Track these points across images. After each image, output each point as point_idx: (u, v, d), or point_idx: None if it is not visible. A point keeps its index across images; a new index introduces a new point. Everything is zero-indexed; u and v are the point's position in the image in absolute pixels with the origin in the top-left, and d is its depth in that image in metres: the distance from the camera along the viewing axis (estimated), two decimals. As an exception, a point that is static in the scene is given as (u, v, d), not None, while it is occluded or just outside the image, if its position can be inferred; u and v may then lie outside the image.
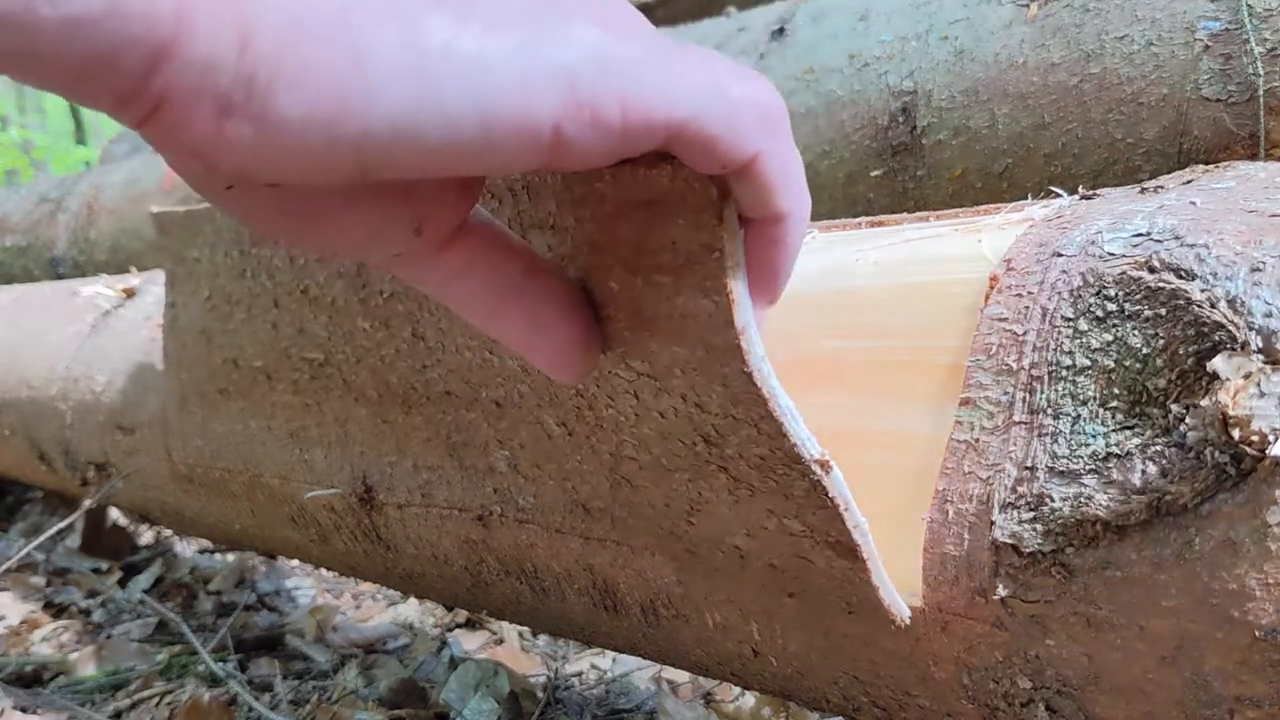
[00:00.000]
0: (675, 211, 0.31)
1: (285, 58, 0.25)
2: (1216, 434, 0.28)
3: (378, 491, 0.55)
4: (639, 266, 0.34)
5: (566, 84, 0.27)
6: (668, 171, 0.31)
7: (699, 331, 0.33)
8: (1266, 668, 0.27)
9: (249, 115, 0.25)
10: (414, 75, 0.25)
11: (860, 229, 0.42)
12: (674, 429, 0.37)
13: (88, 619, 0.97)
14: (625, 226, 0.34)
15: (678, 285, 0.33)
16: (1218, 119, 0.61)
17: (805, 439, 0.33)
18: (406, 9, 0.26)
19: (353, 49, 0.25)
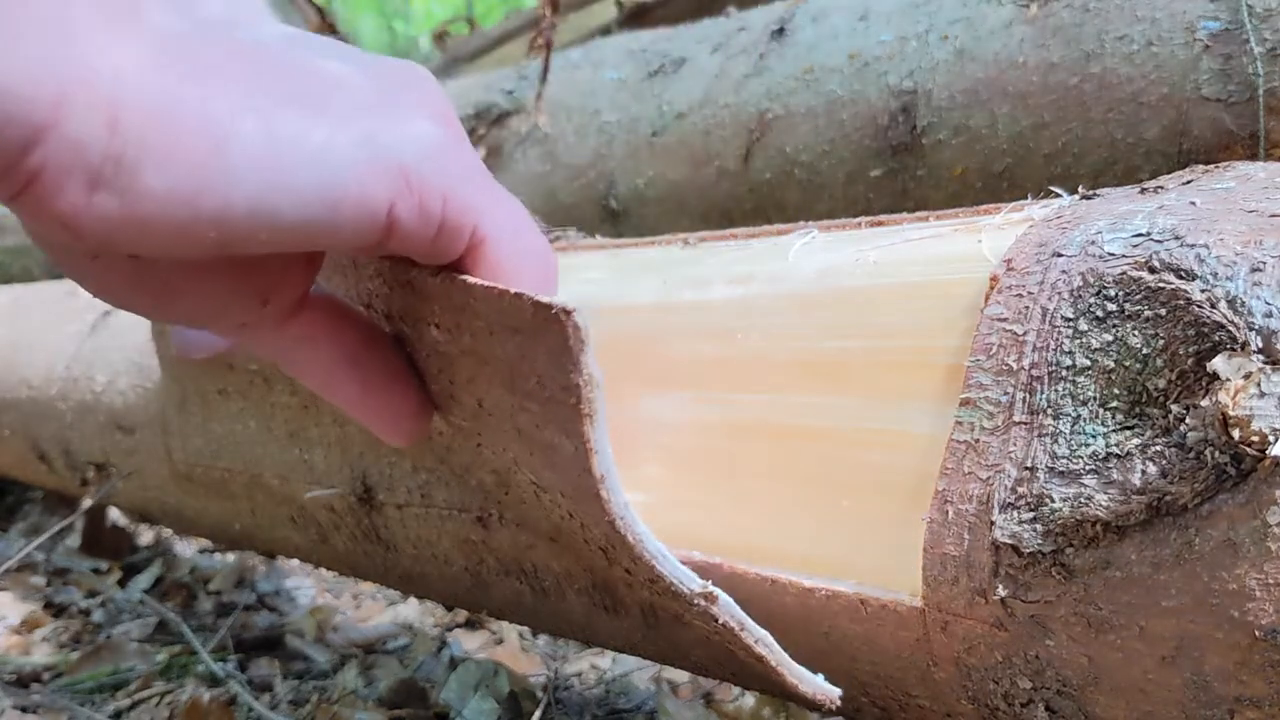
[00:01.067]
0: (538, 345, 0.31)
1: (152, 139, 0.27)
2: (1216, 434, 0.28)
3: (377, 491, 0.55)
4: (514, 388, 0.33)
5: (400, 172, 0.30)
6: (529, 305, 0.30)
7: (565, 466, 0.33)
8: (1266, 668, 0.27)
9: (117, 189, 0.27)
10: (269, 161, 0.28)
11: (860, 229, 0.42)
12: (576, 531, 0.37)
13: (88, 619, 0.97)
14: (498, 347, 0.33)
15: (544, 417, 0.32)
16: (1218, 119, 0.61)
17: (682, 577, 0.32)
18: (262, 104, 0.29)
19: (214, 135, 0.28)
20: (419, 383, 0.39)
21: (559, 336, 0.29)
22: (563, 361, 0.30)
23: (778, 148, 0.78)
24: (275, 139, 0.29)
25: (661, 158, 0.85)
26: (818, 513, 0.37)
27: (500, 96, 0.99)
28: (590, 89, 0.93)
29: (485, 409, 0.36)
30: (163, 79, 0.27)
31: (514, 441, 0.36)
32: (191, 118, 0.28)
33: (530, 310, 0.30)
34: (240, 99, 0.28)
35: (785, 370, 0.40)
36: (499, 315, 0.32)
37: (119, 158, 0.27)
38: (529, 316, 0.30)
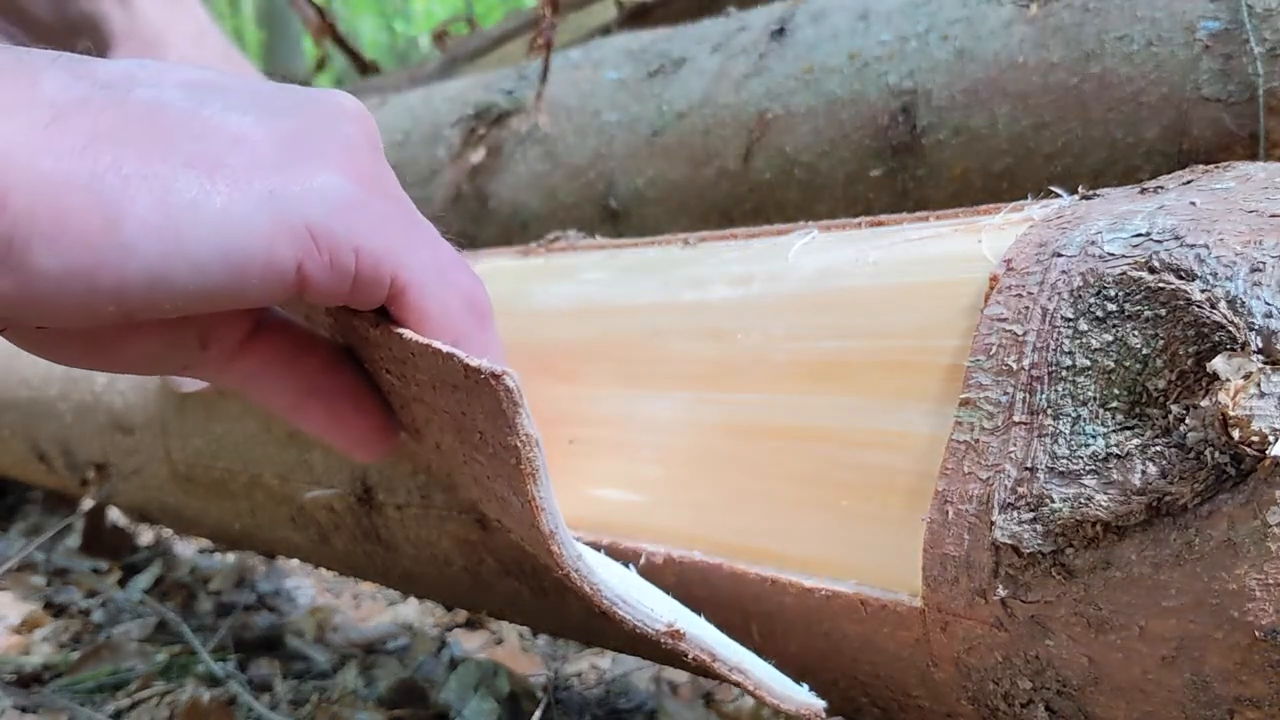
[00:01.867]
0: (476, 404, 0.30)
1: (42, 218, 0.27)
2: (1216, 434, 0.28)
3: (377, 492, 0.55)
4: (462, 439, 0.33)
5: (305, 232, 0.30)
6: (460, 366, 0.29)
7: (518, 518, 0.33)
8: (1266, 668, 0.27)
9: (9, 268, 0.27)
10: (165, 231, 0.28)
11: (860, 229, 0.42)
12: None
13: (88, 619, 0.97)
14: (442, 400, 0.33)
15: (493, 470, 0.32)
16: (1218, 119, 0.61)
17: (644, 618, 0.33)
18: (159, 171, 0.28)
19: (105, 209, 0.27)
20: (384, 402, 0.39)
21: (492, 399, 0.29)
22: (499, 423, 0.29)
23: (778, 148, 0.78)
24: (171, 208, 0.28)
25: (661, 158, 0.85)
26: (818, 513, 0.37)
27: (500, 96, 0.99)
28: (590, 89, 0.93)
29: (443, 450, 0.36)
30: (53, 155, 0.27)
31: (473, 486, 0.36)
32: (82, 194, 0.27)
33: (461, 372, 0.30)
34: (135, 168, 0.28)
35: (785, 370, 0.40)
36: (437, 371, 0.32)
37: (9, 238, 0.27)
38: (462, 377, 0.30)
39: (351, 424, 0.38)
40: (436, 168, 1.00)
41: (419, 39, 11.92)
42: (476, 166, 0.97)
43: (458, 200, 0.98)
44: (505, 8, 8.14)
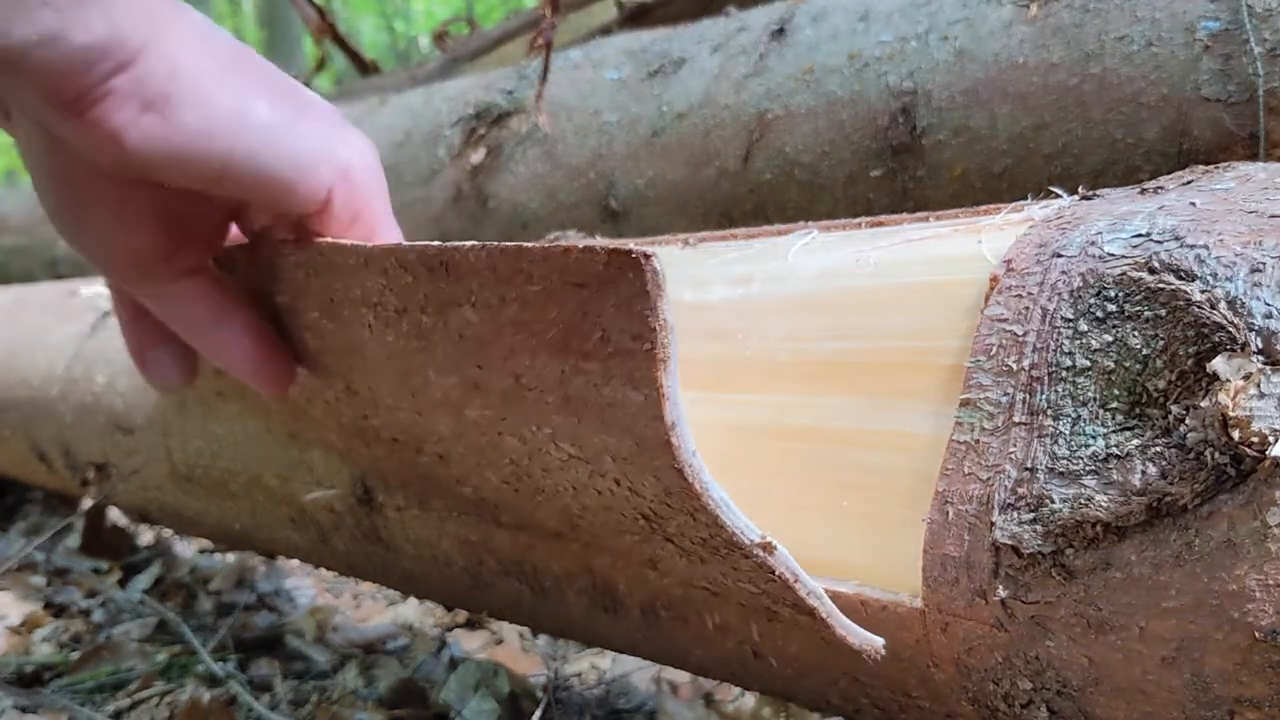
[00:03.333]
0: (606, 298, 0.31)
1: (196, 91, 0.40)
2: (1216, 435, 0.28)
3: (377, 493, 0.55)
4: (567, 350, 0.33)
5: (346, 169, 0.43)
6: (602, 256, 0.30)
7: (627, 423, 0.32)
8: (1266, 669, 0.27)
9: (162, 116, 0.39)
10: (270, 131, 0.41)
11: (860, 229, 0.42)
12: (614, 504, 0.37)
13: (88, 619, 0.97)
14: (553, 309, 0.33)
15: (605, 374, 0.32)
16: (1218, 119, 0.61)
17: (743, 527, 0.32)
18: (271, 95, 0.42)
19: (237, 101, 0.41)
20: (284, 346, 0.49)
21: (635, 284, 0.30)
22: (638, 308, 0.30)
23: (778, 148, 0.78)
24: (275, 118, 0.42)
25: (661, 158, 0.85)
26: (818, 513, 0.37)
27: (500, 96, 0.99)
28: (590, 89, 0.93)
29: (524, 384, 0.36)
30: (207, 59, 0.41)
31: (556, 413, 0.35)
32: (223, 86, 0.41)
33: (603, 261, 0.30)
34: (256, 88, 0.42)
35: (785, 371, 0.40)
36: (561, 273, 0.32)
37: (170, 96, 0.39)
38: (600, 268, 0.30)
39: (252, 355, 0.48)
40: (437, 168, 1.00)
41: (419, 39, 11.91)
42: (477, 166, 0.97)
43: (458, 200, 0.98)
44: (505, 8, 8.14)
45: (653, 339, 0.30)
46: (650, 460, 0.32)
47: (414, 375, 0.42)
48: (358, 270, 0.41)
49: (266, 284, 0.48)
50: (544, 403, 0.36)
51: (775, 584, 0.33)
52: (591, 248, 0.31)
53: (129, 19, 0.38)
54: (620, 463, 0.34)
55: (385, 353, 0.43)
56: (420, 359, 0.41)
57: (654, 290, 0.29)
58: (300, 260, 0.45)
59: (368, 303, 0.42)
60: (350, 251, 0.41)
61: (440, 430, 0.43)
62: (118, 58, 0.38)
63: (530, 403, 0.37)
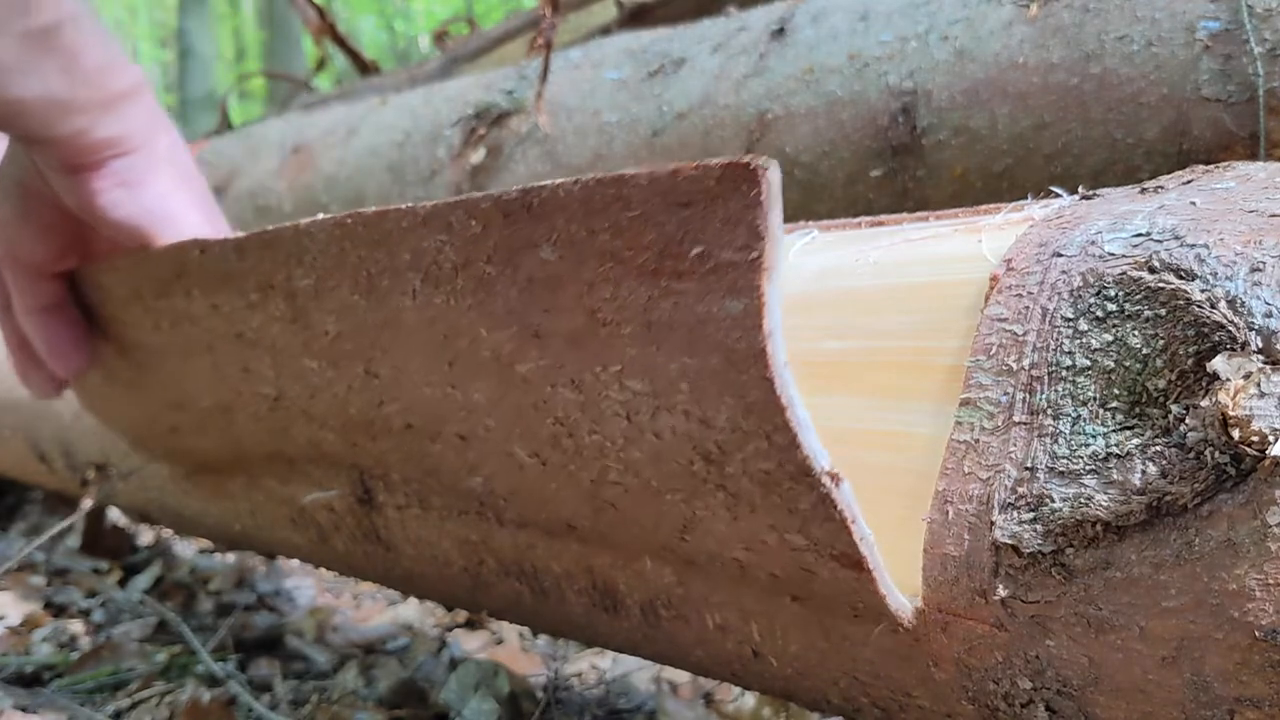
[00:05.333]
0: (713, 213, 0.31)
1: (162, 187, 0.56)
2: (1216, 434, 0.28)
3: (377, 492, 0.55)
4: (659, 272, 0.34)
5: None
6: (716, 171, 0.31)
7: (719, 337, 0.32)
8: (1266, 668, 0.27)
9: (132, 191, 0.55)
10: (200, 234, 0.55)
11: (860, 229, 0.42)
12: (669, 450, 0.36)
13: (88, 619, 0.97)
14: (651, 232, 0.33)
15: (702, 290, 0.32)
16: (1218, 119, 0.61)
17: (817, 451, 0.32)
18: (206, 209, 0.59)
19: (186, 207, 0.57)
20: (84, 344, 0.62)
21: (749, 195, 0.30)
22: (750, 218, 0.30)
23: (778, 148, 0.78)
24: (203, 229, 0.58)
25: (661, 158, 0.85)
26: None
27: (500, 96, 0.99)
28: (590, 89, 0.93)
29: (599, 318, 0.36)
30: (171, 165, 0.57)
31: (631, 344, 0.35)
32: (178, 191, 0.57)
33: (717, 175, 0.31)
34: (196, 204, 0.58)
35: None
36: (665, 195, 0.32)
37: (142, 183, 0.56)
38: (713, 183, 0.31)
39: (59, 335, 0.61)
40: (437, 168, 1.00)
41: (419, 39, 11.91)
42: (477, 166, 0.97)
43: (458, 200, 0.98)
44: (505, 8, 8.14)
45: (761, 247, 0.30)
46: (737, 375, 0.32)
47: (459, 338, 0.42)
48: (412, 231, 0.41)
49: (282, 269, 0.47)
50: (619, 335, 0.36)
51: (831, 526, 0.33)
52: (705, 164, 0.31)
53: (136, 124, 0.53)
54: (697, 388, 0.34)
55: (426, 319, 0.43)
56: (471, 316, 0.41)
57: (768, 200, 0.30)
58: (338, 234, 0.44)
59: (417, 265, 0.41)
60: (404, 213, 0.42)
61: (475, 400, 0.43)
62: (121, 148, 0.53)
63: (601, 340, 0.36)
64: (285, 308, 0.49)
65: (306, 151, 1.19)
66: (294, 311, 0.49)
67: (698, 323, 0.33)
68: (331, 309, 0.47)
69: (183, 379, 0.59)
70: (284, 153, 1.22)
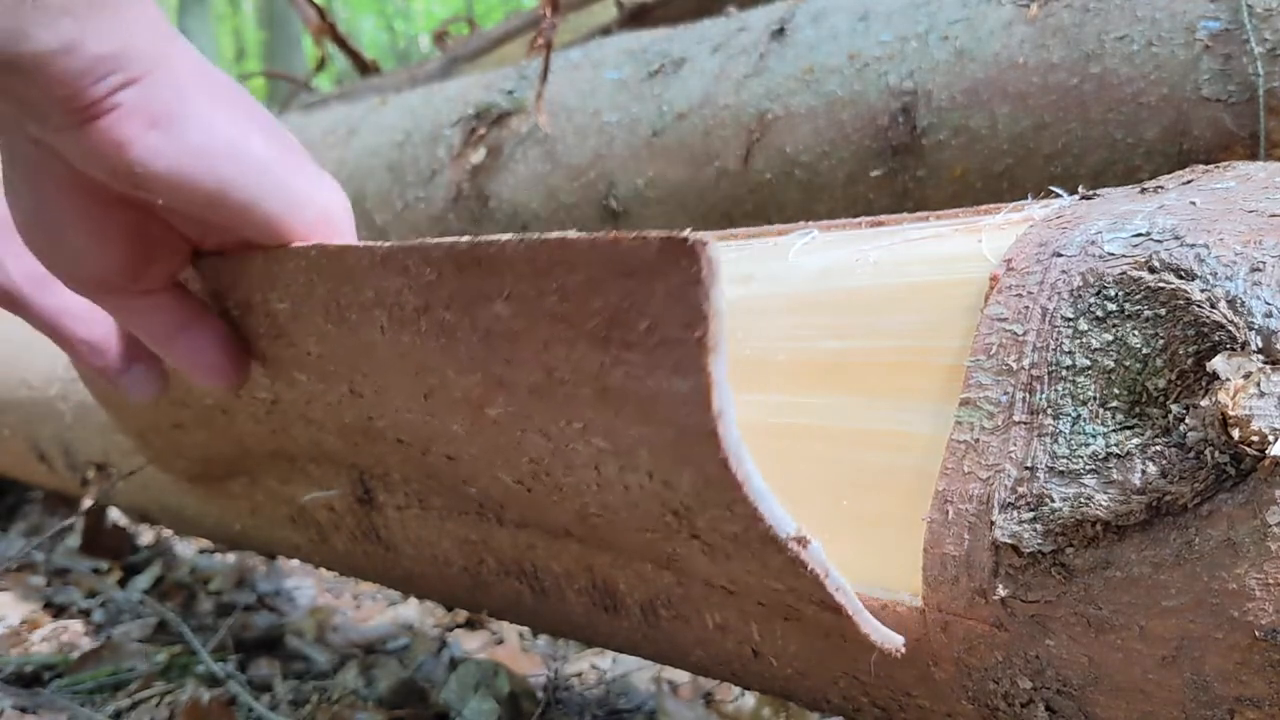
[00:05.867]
0: (656, 286, 0.31)
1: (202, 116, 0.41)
2: (1216, 434, 0.28)
3: (377, 492, 0.55)
4: (608, 341, 0.33)
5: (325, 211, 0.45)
6: (655, 244, 0.30)
7: (670, 412, 0.32)
8: (1266, 668, 0.27)
9: (167, 133, 0.40)
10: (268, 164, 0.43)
11: (860, 229, 0.42)
12: (640, 500, 0.36)
13: (88, 619, 0.97)
14: (597, 299, 0.33)
15: (649, 364, 0.32)
16: (1218, 119, 0.61)
17: (780, 519, 0.32)
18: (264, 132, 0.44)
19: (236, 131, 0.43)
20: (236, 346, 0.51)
21: (689, 271, 0.29)
22: (690, 295, 0.30)
23: (778, 148, 0.78)
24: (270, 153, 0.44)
25: (661, 158, 0.85)
26: (818, 513, 0.37)
27: (500, 96, 0.99)
28: (590, 89, 0.93)
29: (557, 377, 0.36)
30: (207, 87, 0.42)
31: (590, 406, 0.35)
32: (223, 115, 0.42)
33: (655, 249, 0.30)
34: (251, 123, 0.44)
35: (785, 370, 0.40)
36: (608, 262, 0.32)
37: (175, 115, 0.40)
38: (652, 256, 0.30)
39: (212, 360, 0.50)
40: (437, 168, 1.00)
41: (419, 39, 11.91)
42: (477, 166, 0.97)
43: (458, 200, 0.98)
44: (505, 8, 8.13)
45: (705, 326, 0.30)
46: (691, 450, 0.32)
47: (429, 375, 0.42)
48: (372, 270, 0.41)
49: (261, 290, 0.47)
50: (577, 396, 0.35)
51: (804, 580, 0.33)
52: (644, 236, 0.30)
53: (140, 37, 0.40)
54: (656, 455, 0.34)
55: (398, 354, 0.43)
56: (439, 358, 0.40)
57: (709, 278, 0.29)
58: (303, 265, 0.44)
59: (381, 304, 0.41)
60: (364, 252, 0.41)
61: (453, 431, 0.43)
62: (129, 72, 0.39)
63: (562, 397, 0.36)
64: (268, 325, 0.49)
65: (306, 151, 1.18)
66: (276, 329, 0.49)
67: (649, 396, 0.32)
68: (310, 332, 0.47)
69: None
70: (284, 153, 1.22)
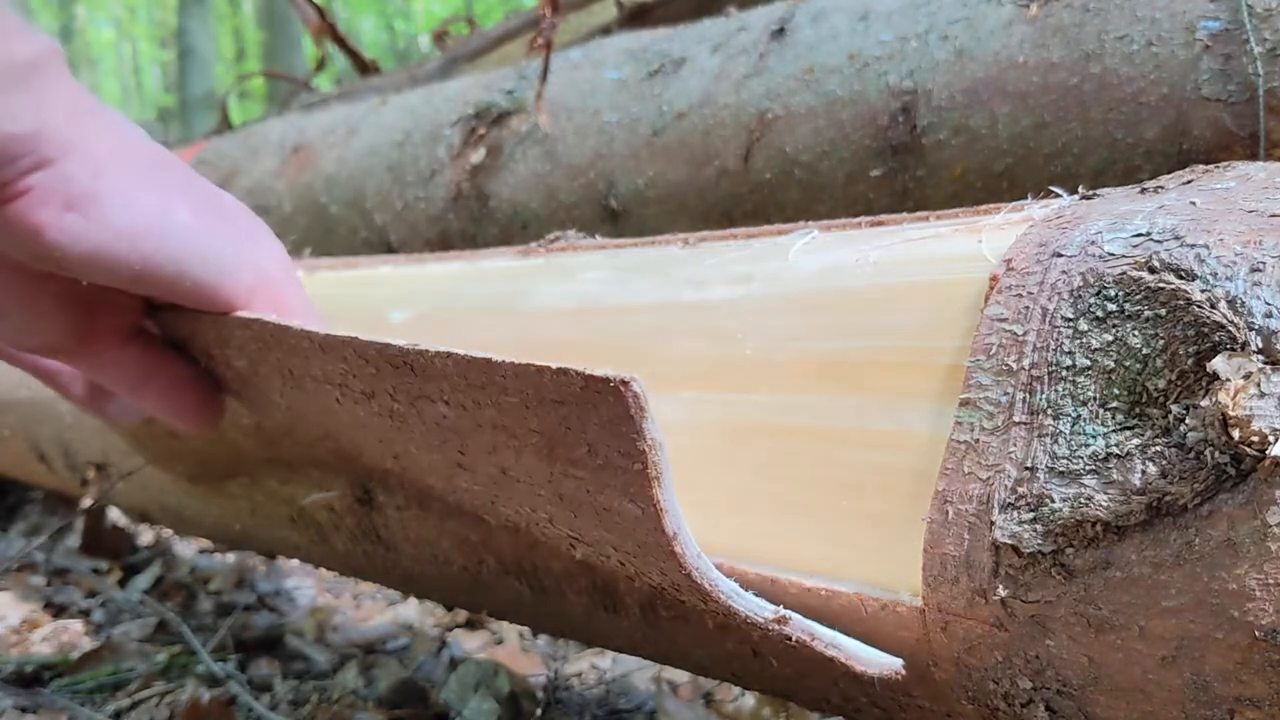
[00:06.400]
0: (588, 416, 0.30)
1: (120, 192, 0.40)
2: (1216, 434, 0.28)
3: (376, 493, 0.55)
4: (553, 457, 0.33)
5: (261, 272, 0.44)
6: (578, 380, 0.29)
7: (627, 528, 0.32)
8: (1266, 668, 0.27)
9: (85, 215, 0.39)
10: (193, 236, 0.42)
11: (860, 229, 0.42)
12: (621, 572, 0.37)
13: (88, 619, 0.97)
14: (533, 419, 0.32)
15: (598, 483, 0.32)
16: (1218, 119, 0.61)
17: (755, 608, 0.32)
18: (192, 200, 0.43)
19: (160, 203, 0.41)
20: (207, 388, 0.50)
21: (617, 407, 0.29)
22: (623, 430, 0.29)
23: (778, 148, 0.78)
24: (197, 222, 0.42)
25: (661, 158, 0.85)
26: (818, 513, 0.37)
27: (500, 96, 0.99)
28: (590, 89, 0.93)
29: (511, 476, 0.35)
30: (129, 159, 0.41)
31: (549, 504, 0.35)
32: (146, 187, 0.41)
33: (580, 384, 0.29)
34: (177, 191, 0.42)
35: (785, 370, 0.40)
36: (537, 390, 0.31)
37: (93, 195, 0.39)
38: (578, 390, 0.30)
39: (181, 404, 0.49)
40: (437, 167, 1.00)
41: (419, 39, 11.91)
42: (477, 166, 0.97)
43: (458, 200, 0.98)
44: (505, 8, 8.13)
45: (643, 459, 0.29)
46: (655, 560, 0.32)
47: (394, 444, 0.41)
48: (314, 353, 0.40)
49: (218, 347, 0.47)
50: (536, 494, 0.35)
51: (795, 642, 0.34)
52: (566, 370, 0.30)
53: (56, 117, 0.38)
54: (623, 554, 0.34)
55: (358, 421, 0.42)
56: (398, 434, 0.40)
57: (637, 414, 0.28)
58: (251, 334, 0.43)
59: (331, 381, 0.40)
60: (302, 335, 0.40)
61: (431, 481, 0.43)
62: (40, 154, 0.38)
63: (522, 490, 0.36)
64: (233, 374, 0.48)
65: (307, 151, 1.19)
66: (241, 380, 0.48)
67: (604, 509, 0.32)
68: (273, 387, 0.46)
69: None
70: (284, 153, 1.22)
